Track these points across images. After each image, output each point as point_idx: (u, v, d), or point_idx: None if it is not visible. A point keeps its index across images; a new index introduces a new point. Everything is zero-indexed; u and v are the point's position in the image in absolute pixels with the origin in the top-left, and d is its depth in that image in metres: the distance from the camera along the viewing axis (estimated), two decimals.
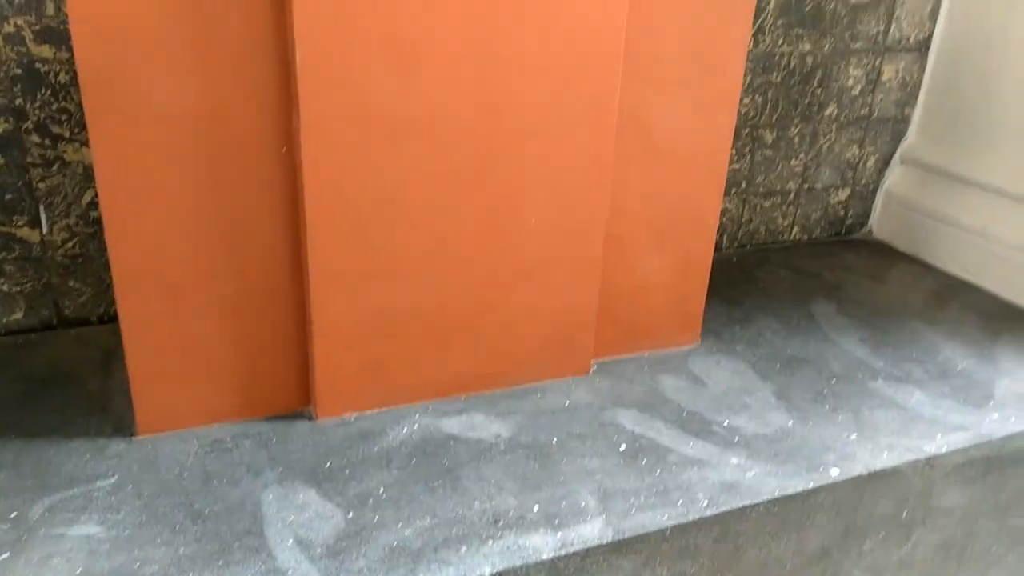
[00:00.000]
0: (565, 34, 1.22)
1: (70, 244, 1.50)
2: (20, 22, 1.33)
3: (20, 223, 1.45)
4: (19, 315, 1.52)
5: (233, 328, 1.23)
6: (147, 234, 1.14)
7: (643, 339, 1.57)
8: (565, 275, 1.38)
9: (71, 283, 1.53)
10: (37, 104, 1.39)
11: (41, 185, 1.44)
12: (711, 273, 1.57)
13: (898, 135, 2.19)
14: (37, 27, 1.34)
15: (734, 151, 2.00)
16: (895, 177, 2.23)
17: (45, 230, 1.47)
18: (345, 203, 1.18)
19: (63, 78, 1.38)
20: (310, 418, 1.31)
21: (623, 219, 1.43)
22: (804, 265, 2.06)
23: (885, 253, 2.18)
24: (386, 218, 1.22)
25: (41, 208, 1.45)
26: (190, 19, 1.06)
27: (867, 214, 2.28)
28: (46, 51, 1.36)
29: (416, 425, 1.31)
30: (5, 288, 1.49)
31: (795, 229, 2.20)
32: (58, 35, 1.35)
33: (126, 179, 1.10)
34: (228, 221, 1.17)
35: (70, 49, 1.34)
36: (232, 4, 1.07)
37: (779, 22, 1.90)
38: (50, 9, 1.34)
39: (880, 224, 2.27)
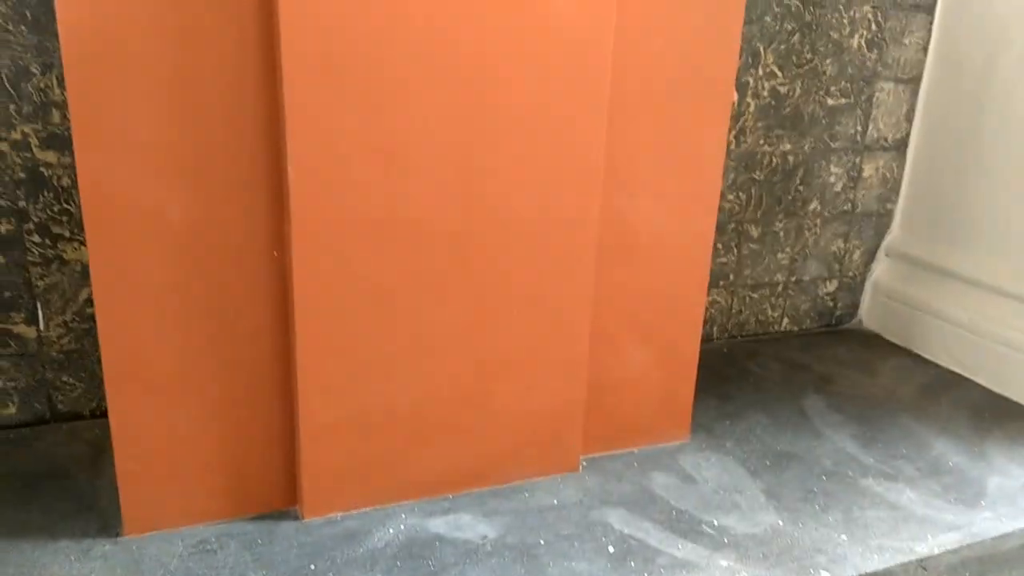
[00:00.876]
0: (547, 141, 1.27)
1: (65, 340, 1.52)
2: (27, 129, 1.39)
3: (17, 320, 1.48)
4: (12, 410, 1.53)
5: (220, 428, 1.24)
6: (139, 335, 1.16)
7: (633, 434, 1.57)
8: (550, 372, 1.40)
9: (65, 378, 1.54)
10: (39, 206, 1.43)
11: (40, 283, 1.47)
12: (701, 365, 1.59)
13: (882, 229, 2.24)
14: (43, 134, 1.40)
15: (720, 245, 2.04)
16: (882, 269, 2.27)
17: (42, 326, 1.50)
18: (333, 304, 1.21)
19: (65, 181, 1.43)
20: (296, 517, 1.30)
21: (608, 315, 1.45)
22: (795, 357, 2.07)
23: (876, 344, 2.20)
24: (373, 318, 1.24)
25: (39, 305, 1.48)
26: (186, 132, 1.11)
27: (856, 305, 2.31)
28: (51, 156, 1.42)
29: (402, 525, 1.30)
30: (0, 384, 1.50)
31: (785, 320, 2.22)
32: (62, 141, 1.41)
33: (120, 282, 1.13)
34: (218, 323, 1.20)
35: (73, 154, 1.40)
36: (226, 119, 1.12)
37: (759, 124, 1.97)
38: (56, 117, 1.40)
39: (870, 315, 2.30)
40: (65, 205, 1.45)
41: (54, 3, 1.01)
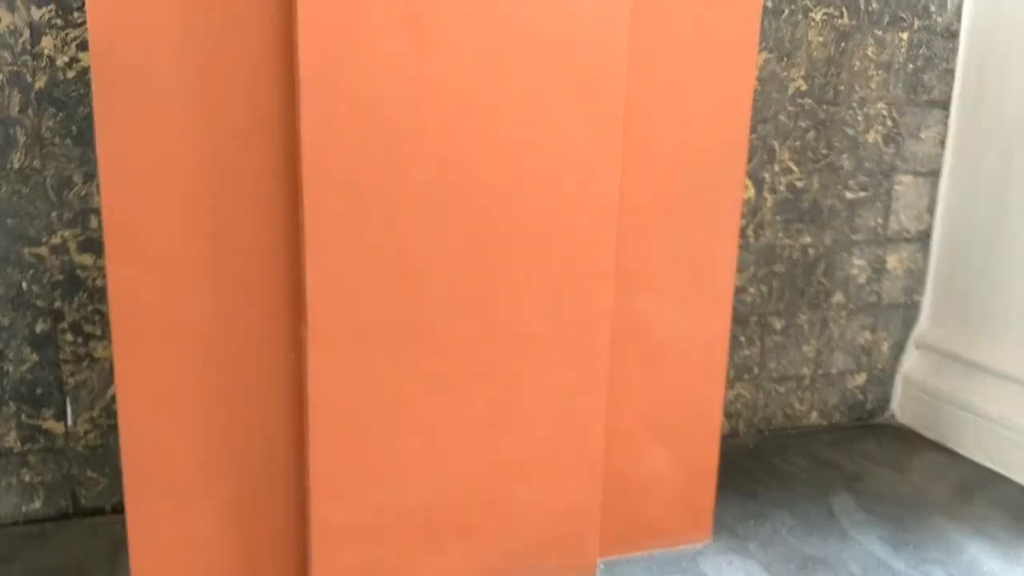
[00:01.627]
0: (558, 247, 1.30)
1: (91, 435, 1.55)
2: (67, 234, 1.47)
3: (47, 416, 1.52)
4: (37, 504, 1.55)
5: (234, 530, 1.25)
6: (158, 437, 1.19)
7: (652, 536, 1.54)
8: (566, 474, 1.39)
9: (89, 472, 1.57)
10: (74, 305, 1.49)
11: (70, 380, 1.52)
12: (726, 461, 1.56)
13: (910, 320, 2.22)
14: (82, 238, 1.48)
15: (743, 338, 2.03)
16: (912, 362, 2.23)
17: (70, 422, 1.54)
18: (348, 406, 1.23)
19: (100, 283, 1.50)
20: None
21: (625, 415, 1.45)
22: (823, 453, 2.02)
23: (908, 439, 2.14)
24: (387, 420, 1.25)
25: (68, 402, 1.53)
26: (211, 242, 1.16)
27: (887, 398, 2.26)
28: (87, 259, 1.48)
29: None
30: (27, 479, 1.54)
31: (814, 414, 2.18)
32: (98, 245, 1.48)
33: (142, 383, 1.17)
34: (234, 426, 1.22)
35: None
36: (250, 232, 1.18)
37: (778, 217, 1.99)
38: (94, 223, 1.48)
39: (902, 409, 2.25)
40: (98, 305, 1.51)
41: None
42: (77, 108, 1.43)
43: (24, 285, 1.46)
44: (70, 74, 1.42)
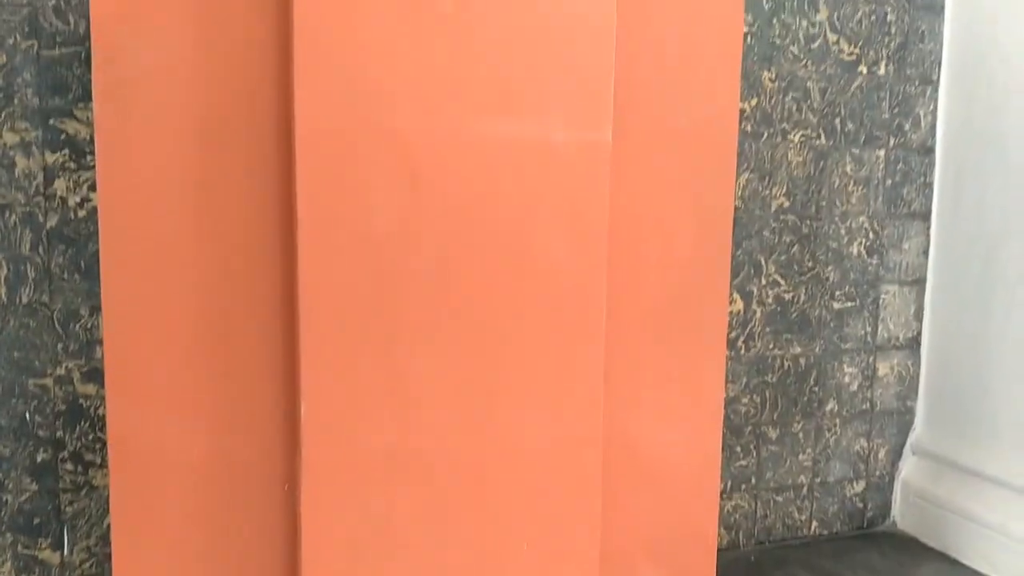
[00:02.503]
0: (548, 368, 1.33)
1: (87, 564, 1.56)
2: (71, 365, 1.51)
3: (44, 545, 1.53)
4: None
5: None
6: (152, 569, 1.20)
7: None
8: None
9: None
10: (75, 435, 1.52)
11: (68, 509, 1.53)
12: (726, 575, 1.55)
13: (905, 427, 2.23)
14: (85, 368, 1.52)
15: (739, 448, 2.04)
16: (910, 468, 2.23)
17: (67, 552, 1.54)
18: (341, 536, 1.24)
19: (102, 411, 1.53)
20: None
21: (619, 537, 1.45)
22: (826, 565, 2.00)
23: (911, 549, 2.12)
24: (380, 549, 1.26)
25: (65, 531, 1.53)
26: (209, 378, 1.20)
27: (887, 506, 2.24)
28: (90, 389, 1.52)
29: None
30: None
31: (814, 523, 2.17)
32: (102, 375, 1.51)
33: (137, 515, 1.19)
34: (227, 555, 1.23)
35: None
36: (248, 369, 1.22)
37: (767, 329, 2.03)
38: (98, 353, 1.52)
39: (903, 517, 2.23)
40: (99, 434, 1.53)
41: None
42: (87, 245, 1.50)
43: (27, 416, 1.50)
44: (81, 213, 1.49)
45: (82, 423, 1.52)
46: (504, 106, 1.24)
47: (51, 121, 1.47)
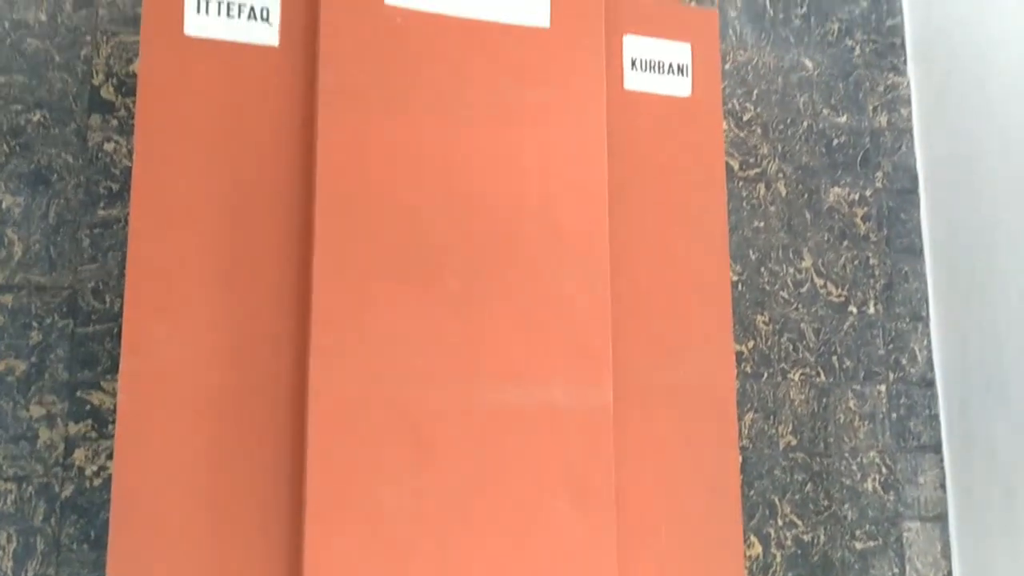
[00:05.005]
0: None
1: None
2: None
3: None
4: None
5: None
6: None
7: None
8: None
9: None
10: None
11: None
12: None
13: None
14: None
15: None
16: None
17: None
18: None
19: None
20: None
21: None
22: None
23: None
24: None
25: None
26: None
27: None
28: None
29: None
30: None
31: None
32: None
33: None
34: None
35: None
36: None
37: (790, 574, 1.96)
38: None
39: None
40: None
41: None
42: (98, 513, 1.51)
43: None
44: (97, 482, 1.52)
45: None
46: (509, 375, 1.31)
47: (78, 393, 1.54)
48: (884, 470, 2.09)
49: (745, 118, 2.12)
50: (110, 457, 1.53)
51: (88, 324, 1.57)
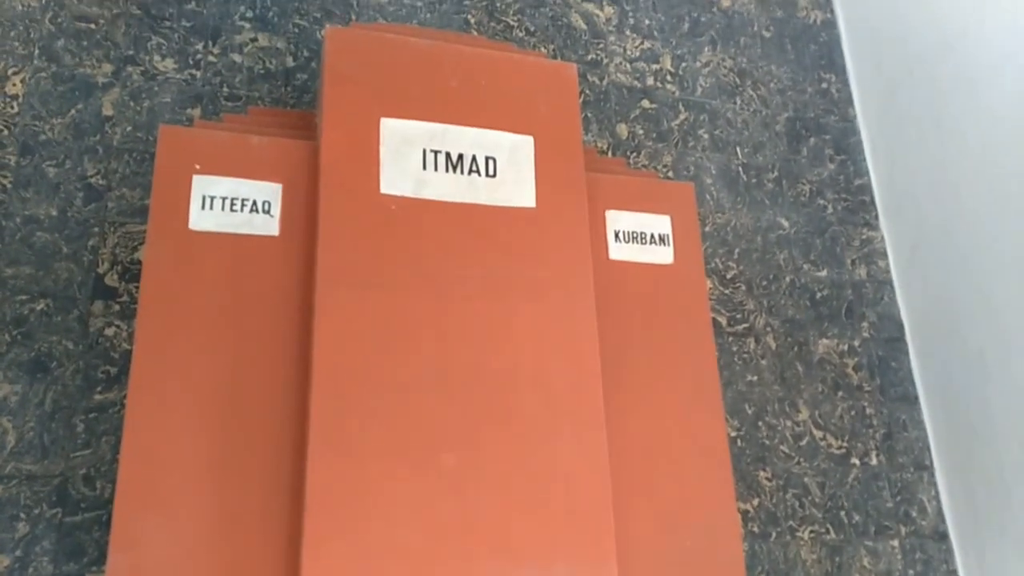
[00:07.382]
0: None
1: None
2: None
3: None
4: None
5: None
6: None
7: None
8: None
9: None
10: None
11: None
12: None
13: None
14: None
15: None
16: None
17: None
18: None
19: None
20: None
21: None
22: None
23: None
24: None
25: None
26: None
27: None
28: None
29: None
30: None
31: None
32: None
33: None
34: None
35: None
36: None
37: None
38: None
39: None
40: None
41: None
42: None
43: None
44: None
45: None
46: (509, 556, 1.27)
47: None
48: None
49: (729, 276, 2.19)
50: None
51: (77, 513, 1.53)
